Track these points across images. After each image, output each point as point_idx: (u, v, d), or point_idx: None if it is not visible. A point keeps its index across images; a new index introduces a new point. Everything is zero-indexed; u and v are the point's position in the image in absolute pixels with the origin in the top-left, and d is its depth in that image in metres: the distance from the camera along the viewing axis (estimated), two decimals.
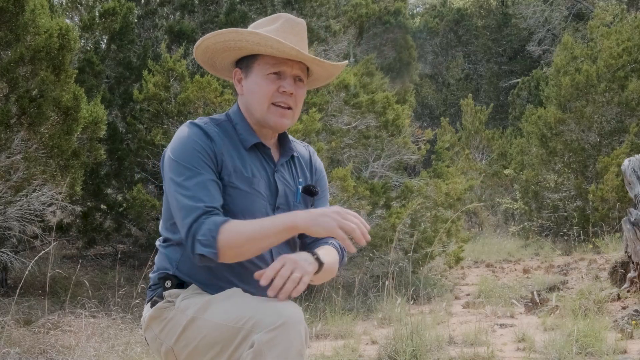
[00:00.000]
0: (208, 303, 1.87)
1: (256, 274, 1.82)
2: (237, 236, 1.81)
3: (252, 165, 1.99)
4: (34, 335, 4.61)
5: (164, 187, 1.99)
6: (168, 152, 1.96)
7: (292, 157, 2.11)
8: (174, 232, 1.98)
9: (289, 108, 1.99)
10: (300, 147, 2.18)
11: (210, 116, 2.06)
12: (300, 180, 2.10)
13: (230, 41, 1.98)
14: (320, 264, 1.86)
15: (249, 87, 2.01)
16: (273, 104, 1.97)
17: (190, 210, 1.85)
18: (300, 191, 2.08)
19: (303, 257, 1.84)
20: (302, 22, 2.02)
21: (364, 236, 1.78)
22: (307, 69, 2.04)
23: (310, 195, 2.09)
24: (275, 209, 2.01)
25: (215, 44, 2.00)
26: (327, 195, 2.21)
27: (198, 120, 2.00)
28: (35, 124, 5.06)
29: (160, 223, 2.07)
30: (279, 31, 1.97)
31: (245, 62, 2.02)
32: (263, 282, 1.77)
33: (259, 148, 2.02)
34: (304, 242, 2.10)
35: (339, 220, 1.77)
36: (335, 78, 6.54)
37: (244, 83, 2.02)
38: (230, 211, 1.92)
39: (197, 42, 2.01)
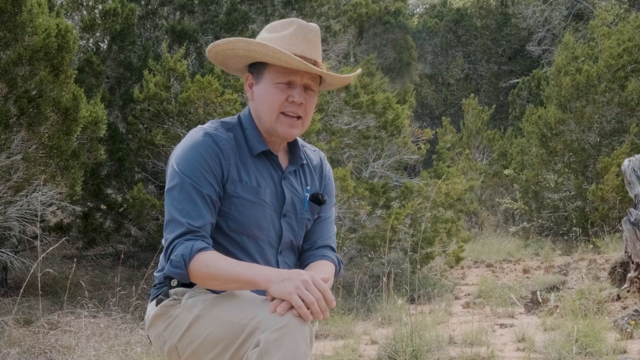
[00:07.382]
0: (214, 300, 1.86)
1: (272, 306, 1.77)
2: (206, 270, 1.81)
3: (258, 174, 1.97)
4: (34, 335, 4.61)
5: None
6: (172, 159, 1.94)
7: (302, 164, 2.09)
8: None
9: (299, 117, 1.96)
10: (311, 153, 2.15)
11: (223, 119, 2.03)
12: (309, 188, 2.08)
13: (240, 49, 1.95)
14: None
15: (259, 94, 1.97)
16: (282, 113, 1.94)
17: (175, 225, 1.85)
18: (308, 199, 2.06)
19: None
20: (314, 28, 1.97)
21: (322, 312, 1.71)
22: (320, 76, 2.00)
23: (317, 204, 2.08)
24: (281, 216, 2.00)
25: (225, 51, 1.98)
26: (333, 201, 2.19)
27: (209, 127, 1.96)
28: (34, 124, 5.05)
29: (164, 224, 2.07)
30: (290, 39, 1.93)
31: (256, 68, 1.98)
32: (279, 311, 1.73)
33: (267, 155, 2.00)
34: (301, 253, 2.10)
35: (300, 289, 1.70)
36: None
37: (254, 89, 1.99)
38: (237, 221, 1.92)
39: (209, 47, 1.99)
